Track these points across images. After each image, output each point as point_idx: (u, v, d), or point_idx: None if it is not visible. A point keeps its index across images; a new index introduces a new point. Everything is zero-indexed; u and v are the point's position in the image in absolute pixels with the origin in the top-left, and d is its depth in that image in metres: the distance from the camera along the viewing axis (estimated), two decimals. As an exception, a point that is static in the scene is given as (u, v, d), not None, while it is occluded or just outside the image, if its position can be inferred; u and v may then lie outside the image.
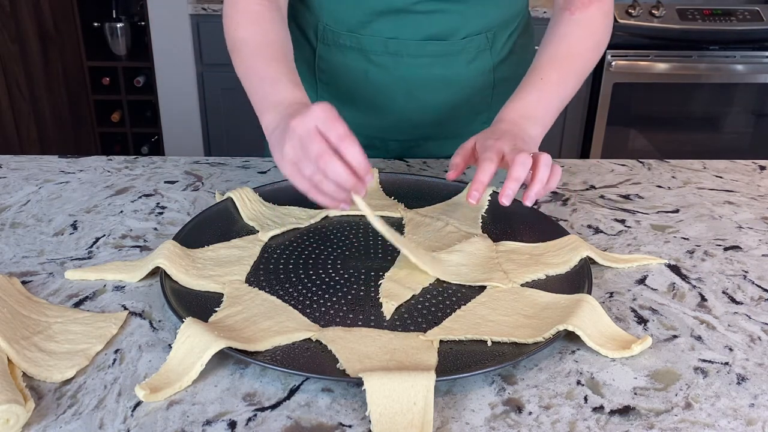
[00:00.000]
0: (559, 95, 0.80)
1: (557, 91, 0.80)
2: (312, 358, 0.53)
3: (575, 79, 0.83)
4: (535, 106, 0.78)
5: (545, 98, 0.79)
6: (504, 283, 0.62)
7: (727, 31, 2.37)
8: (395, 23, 0.86)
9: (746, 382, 0.52)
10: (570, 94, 0.83)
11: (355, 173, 0.58)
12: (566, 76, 0.82)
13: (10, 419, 0.45)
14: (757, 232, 0.75)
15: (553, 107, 0.80)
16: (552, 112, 0.80)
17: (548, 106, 0.79)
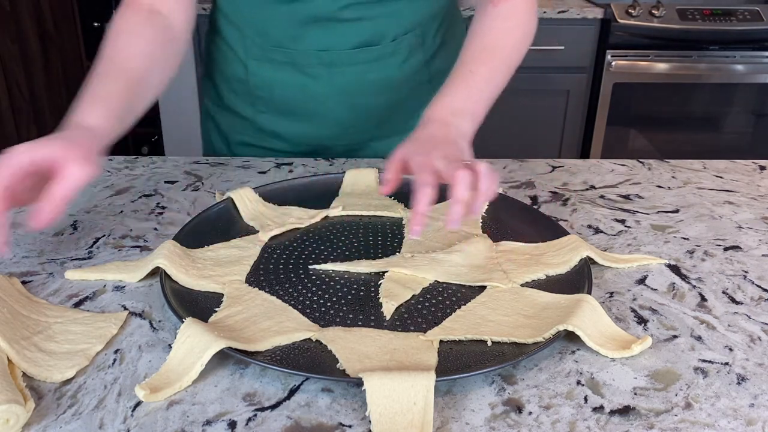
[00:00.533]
0: (489, 88, 0.78)
1: (487, 84, 0.78)
2: (312, 358, 0.53)
3: (505, 72, 0.81)
4: (465, 100, 0.76)
5: (475, 92, 0.77)
6: (504, 283, 0.62)
7: (727, 31, 2.37)
8: (324, 34, 0.85)
9: (746, 382, 0.52)
10: (500, 87, 0.81)
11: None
12: (495, 69, 0.80)
13: (10, 419, 0.45)
14: (757, 232, 0.75)
15: (484, 101, 0.78)
16: (483, 105, 0.77)
17: (479, 99, 0.77)
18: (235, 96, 0.95)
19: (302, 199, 0.78)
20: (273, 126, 0.95)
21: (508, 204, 0.77)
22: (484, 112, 0.78)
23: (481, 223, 0.74)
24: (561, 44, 2.37)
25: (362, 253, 0.68)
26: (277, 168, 0.89)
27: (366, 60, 0.88)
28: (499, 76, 0.81)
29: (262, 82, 0.91)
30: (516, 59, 0.84)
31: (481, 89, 0.78)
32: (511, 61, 0.83)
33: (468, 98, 0.76)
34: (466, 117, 0.74)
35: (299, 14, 0.84)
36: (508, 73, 0.82)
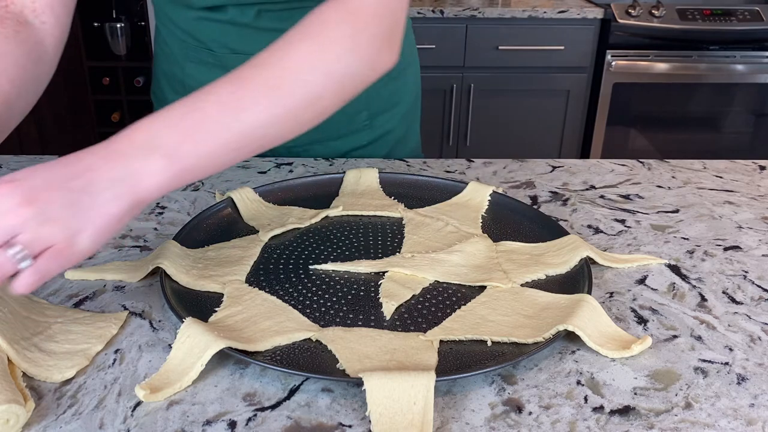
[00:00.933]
0: (225, 117, 0.54)
1: (223, 111, 0.54)
2: (312, 358, 0.53)
3: (271, 106, 0.56)
4: (170, 130, 0.53)
5: (194, 120, 0.54)
6: (504, 283, 0.62)
7: (727, 31, 2.37)
8: (246, 41, 0.84)
9: (746, 382, 0.52)
10: (263, 120, 0.55)
11: None
12: (252, 93, 0.56)
13: (10, 419, 0.45)
14: (757, 232, 0.75)
15: (210, 135, 0.54)
16: (207, 141, 0.54)
17: (194, 131, 0.53)
18: (176, 95, 0.94)
19: (302, 199, 0.78)
20: None
21: (508, 204, 0.77)
22: (211, 151, 0.54)
23: (481, 223, 0.74)
24: (561, 44, 2.37)
25: (362, 253, 0.68)
26: (277, 168, 0.89)
27: None
28: (259, 106, 0.55)
29: (197, 83, 0.88)
30: (302, 99, 0.57)
31: (209, 118, 0.54)
32: (290, 97, 0.57)
33: (174, 127, 0.53)
34: (157, 152, 0.52)
35: (219, 21, 0.82)
36: (282, 106, 0.56)
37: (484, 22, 2.34)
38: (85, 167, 0.50)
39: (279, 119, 0.57)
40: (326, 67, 0.58)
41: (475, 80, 2.42)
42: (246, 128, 0.55)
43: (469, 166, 0.91)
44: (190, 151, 0.53)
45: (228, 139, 0.55)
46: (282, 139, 0.58)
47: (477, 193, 0.78)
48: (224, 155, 0.55)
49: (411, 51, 1.02)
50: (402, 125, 1.01)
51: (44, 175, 0.49)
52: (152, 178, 0.52)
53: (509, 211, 0.76)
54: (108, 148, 0.52)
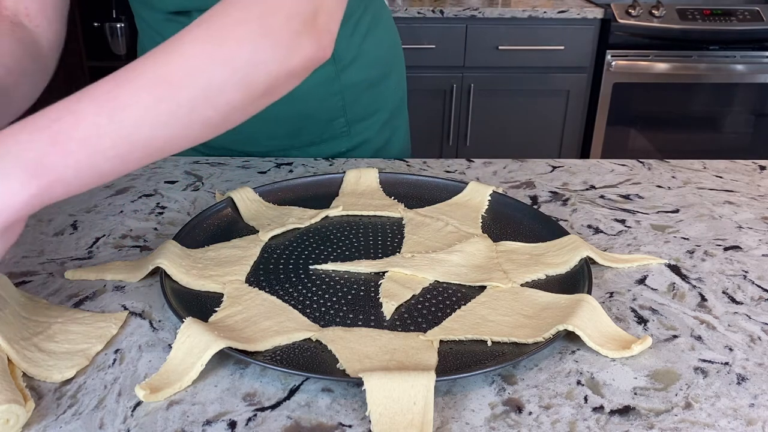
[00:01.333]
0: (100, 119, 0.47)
1: (98, 112, 0.47)
2: (312, 358, 0.53)
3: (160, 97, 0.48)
4: (33, 140, 0.46)
5: (63, 125, 0.46)
6: (504, 283, 0.62)
7: (727, 31, 2.37)
8: None
9: (746, 382, 0.52)
10: (147, 120, 0.48)
11: None
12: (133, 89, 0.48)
13: (10, 419, 0.45)
14: (757, 232, 0.75)
15: (81, 141, 0.46)
16: (79, 149, 0.46)
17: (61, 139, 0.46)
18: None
19: (302, 199, 0.78)
20: None
21: (508, 204, 0.77)
22: (81, 166, 0.47)
23: (481, 223, 0.74)
24: (561, 44, 2.37)
25: (362, 253, 0.68)
26: (277, 168, 0.89)
27: None
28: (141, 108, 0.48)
29: None
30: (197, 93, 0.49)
31: (88, 123, 0.46)
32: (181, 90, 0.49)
33: (42, 134, 0.46)
34: (14, 170, 0.45)
35: (185, 24, 0.82)
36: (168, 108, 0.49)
37: (484, 22, 2.34)
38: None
39: (169, 117, 0.49)
40: (226, 54, 0.50)
41: (475, 80, 2.42)
42: (125, 130, 0.47)
43: (469, 166, 0.91)
44: (57, 162, 0.46)
45: (104, 145, 0.47)
46: (179, 141, 0.50)
47: (477, 193, 0.78)
48: (102, 164, 0.47)
49: (394, 57, 1.00)
50: (382, 134, 1.00)
51: None
52: (12, 198, 0.45)
53: (509, 211, 0.76)
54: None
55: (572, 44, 2.38)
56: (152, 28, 0.86)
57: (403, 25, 2.11)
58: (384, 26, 0.95)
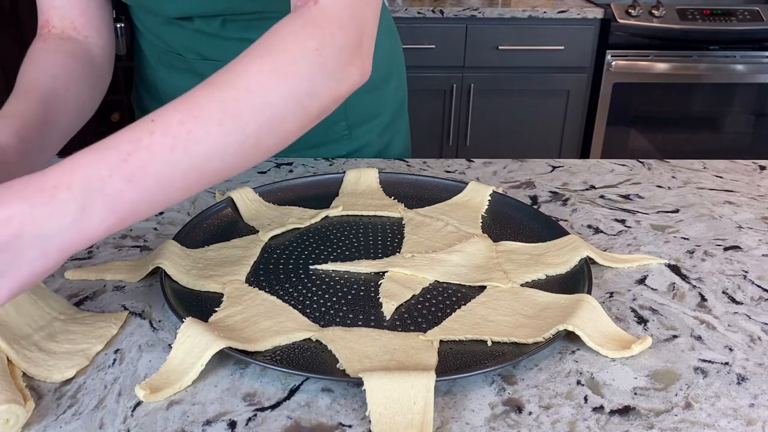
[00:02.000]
0: (174, 154, 0.48)
1: (172, 148, 0.48)
2: (312, 358, 0.53)
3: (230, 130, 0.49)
4: (112, 175, 0.46)
5: (138, 162, 0.47)
6: (504, 283, 0.62)
7: (727, 31, 2.37)
8: (214, 49, 0.83)
9: (746, 382, 0.52)
10: (218, 151, 0.49)
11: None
12: (204, 121, 0.49)
13: (10, 419, 0.45)
14: (757, 232, 0.75)
15: (156, 178, 0.47)
16: (154, 185, 0.48)
17: (138, 176, 0.47)
18: (152, 100, 0.95)
19: (302, 199, 0.78)
20: None
21: (508, 204, 0.77)
22: (154, 199, 0.48)
23: (481, 223, 0.74)
24: (561, 44, 2.37)
25: (362, 253, 0.68)
26: (277, 168, 0.89)
27: None
28: (213, 141, 0.49)
29: (171, 88, 0.90)
30: (263, 124, 0.51)
31: (162, 161, 0.47)
32: (249, 123, 0.50)
33: (120, 170, 0.46)
34: (95, 205, 0.46)
35: (186, 28, 0.82)
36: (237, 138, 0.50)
37: (484, 22, 2.34)
38: (12, 215, 0.43)
39: (237, 148, 0.50)
40: (289, 86, 0.52)
41: (475, 80, 2.42)
42: (198, 161, 0.49)
43: (469, 166, 0.91)
44: (134, 198, 0.47)
45: (177, 177, 0.49)
46: (242, 167, 0.52)
47: (477, 193, 0.78)
48: (172, 194, 0.49)
49: (395, 60, 1.00)
50: (383, 137, 0.99)
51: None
52: (90, 232, 0.46)
53: (509, 211, 0.76)
54: (42, 190, 0.45)
55: (572, 44, 2.38)
56: (151, 32, 0.86)
57: (403, 25, 2.11)
58: (384, 30, 0.95)
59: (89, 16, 0.76)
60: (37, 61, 0.71)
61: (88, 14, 0.76)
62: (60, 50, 0.73)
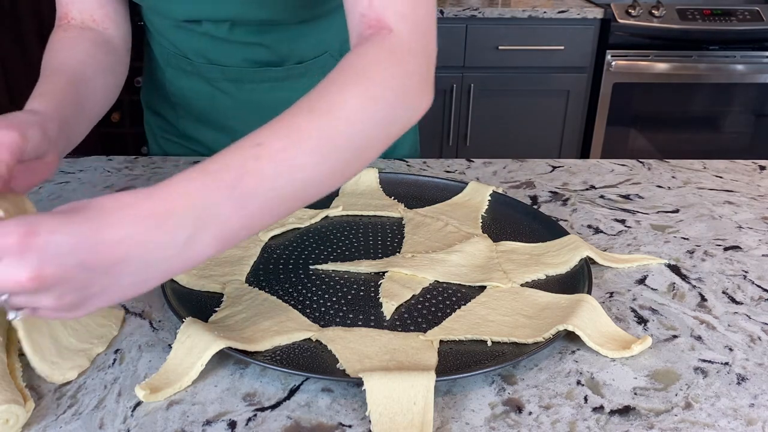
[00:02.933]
0: (278, 181, 0.47)
1: (277, 174, 0.47)
2: (312, 358, 0.53)
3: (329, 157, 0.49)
4: (224, 199, 0.45)
5: (247, 187, 0.46)
6: (504, 283, 0.62)
7: (727, 31, 2.37)
8: (222, 52, 0.83)
9: (746, 382, 0.52)
10: (316, 179, 0.49)
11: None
12: (307, 148, 0.48)
13: (10, 419, 0.45)
14: (757, 232, 0.75)
15: (262, 204, 0.47)
16: (259, 213, 0.47)
17: (246, 202, 0.46)
18: (160, 99, 0.95)
19: (302, 199, 0.78)
20: (192, 132, 0.94)
21: (508, 204, 0.77)
22: (256, 225, 0.48)
23: (481, 223, 0.74)
24: (561, 44, 2.37)
25: (362, 253, 0.68)
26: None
27: (273, 78, 0.85)
28: (314, 169, 0.49)
29: (178, 89, 0.90)
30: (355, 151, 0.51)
31: (268, 187, 0.47)
32: (345, 150, 0.51)
33: (232, 195, 0.45)
34: (207, 231, 0.45)
35: (195, 32, 0.82)
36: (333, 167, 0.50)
37: (484, 22, 2.34)
38: (121, 239, 0.42)
39: (331, 175, 0.50)
40: (380, 115, 0.52)
41: (475, 80, 2.42)
42: (297, 188, 0.49)
43: (469, 166, 0.91)
44: (240, 225, 0.47)
45: (277, 204, 0.48)
46: (324, 194, 0.51)
47: (477, 193, 0.78)
48: (269, 221, 0.49)
49: None
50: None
51: (68, 244, 0.41)
52: (193, 260, 0.46)
53: (509, 211, 0.76)
54: (154, 214, 0.43)
55: (572, 44, 2.38)
56: (160, 34, 0.87)
57: (403, 25, 2.10)
58: None
59: (108, 9, 0.77)
60: (62, 46, 0.71)
61: (107, 7, 0.77)
62: (82, 38, 0.74)
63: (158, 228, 0.43)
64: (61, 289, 0.42)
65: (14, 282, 0.40)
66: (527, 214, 0.75)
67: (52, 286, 0.41)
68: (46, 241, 0.40)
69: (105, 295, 0.44)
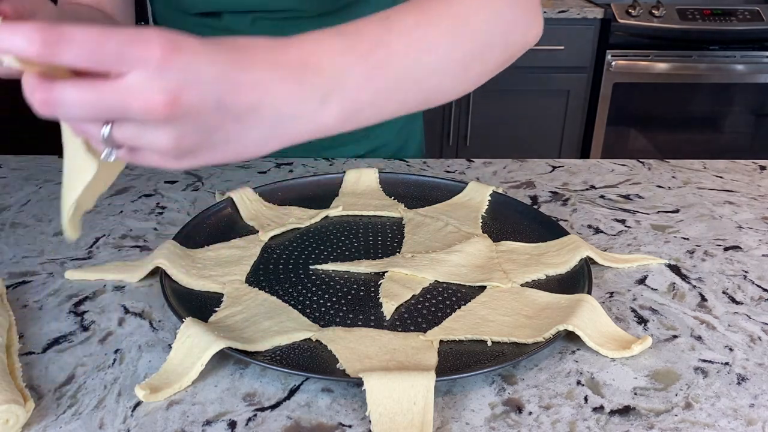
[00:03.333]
0: (408, 58, 0.44)
1: (408, 50, 0.44)
2: (312, 358, 0.53)
3: (456, 45, 0.47)
4: (357, 67, 0.42)
5: (380, 58, 0.43)
6: (504, 283, 0.62)
7: (727, 31, 2.37)
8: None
9: (746, 382, 0.52)
10: (442, 65, 0.46)
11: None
12: (438, 29, 0.46)
13: (10, 419, 0.45)
14: (757, 232, 0.75)
15: (389, 80, 0.44)
16: (385, 88, 0.44)
17: (377, 73, 0.43)
18: None
19: (302, 199, 0.78)
20: None
21: (508, 204, 0.77)
22: (378, 105, 0.45)
23: (481, 223, 0.74)
24: (561, 44, 2.37)
25: (362, 253, 0.68)
26: (277, 168, 0.89)
27: None
28: (442, 53, 0.46)
29: None
30: (480, 44, 0.49)
31: (398, 62, 0.44)
32: (472, 39, 0.48)
33: (365, 63, 0.42)
34: (335, 98, 0.42)
35: (214, 28, 0.82)
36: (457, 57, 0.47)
37: (484, 22, 2.34)
38: (259, 81, 0.38)
39: (454, 67, 0.47)
40: (499, 18, 0.50)
41: (475, 80, 2.41)
42: (424, 76, 0.45)
43: (469, 166, 0.91)
44: (366, 99, 0.43)
45: (402, 85, 0.44)
46: (440, 96, 0.48)
47: (477, 193, 0.78)
48: (389, 107, 0.45)
49: None
50: (400, 136, 1.00)
51: (211, 73, 0.36)
52: (320, 128, 0.42)
53: (509, 211, 0.76)
54: (289, 65, 0.40)
55: (572, 44, 2.38)
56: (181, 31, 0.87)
57: (403, 25, 2.10)
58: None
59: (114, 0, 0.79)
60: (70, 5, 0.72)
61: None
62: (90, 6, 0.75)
63: (295, 79, 0.40)
64: (189, 125, 0.37)
65: (145, 102, 0.34)
66: (527, 214, 0.75)
67: (182, 118, 0.36)
68: (190, 61, 0.35)
69: (224, 147, 0.39)
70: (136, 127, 0.36)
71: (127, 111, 0.35)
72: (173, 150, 0.38)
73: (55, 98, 0.35)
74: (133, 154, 0.39)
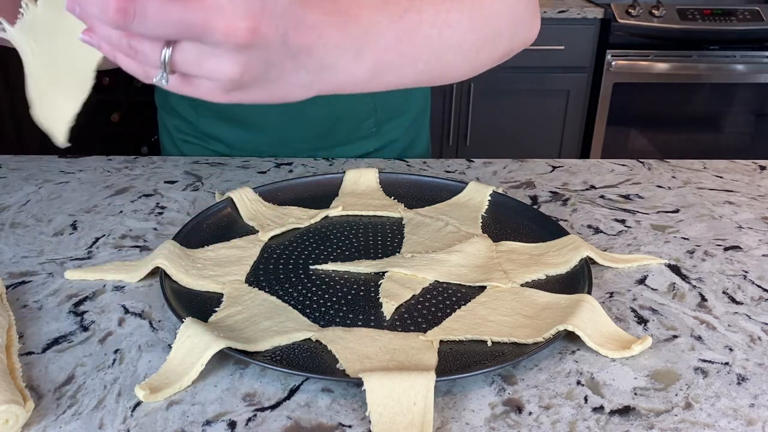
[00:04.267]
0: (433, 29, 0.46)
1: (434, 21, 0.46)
2: (312, 358, 0.53)
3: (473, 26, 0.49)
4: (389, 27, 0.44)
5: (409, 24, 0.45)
6: (504, 283, 0.62)
7: (727, 31, 2.37)
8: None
9: (746, 382, 0.52)
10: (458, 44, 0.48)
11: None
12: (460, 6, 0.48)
13: (10, 419, 0.45)
14: (757, 232, 0.75)
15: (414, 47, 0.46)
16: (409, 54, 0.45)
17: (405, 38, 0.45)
18: (178, 99, 0.95)
19: (302, 199, 0.78)
20: (214, 130, 0.94)
21: (508, 204, 0.77)
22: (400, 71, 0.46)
23: (481, 223, 0.74)
24: (561, 44, 2.37)
25: (362, 253, 0.68)
26: (277, 168, 0.89)
27: None
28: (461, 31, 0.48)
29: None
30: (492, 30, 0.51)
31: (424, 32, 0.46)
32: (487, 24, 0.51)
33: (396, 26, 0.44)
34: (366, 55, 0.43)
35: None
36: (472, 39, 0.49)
37: (484, 22, 2.34)
38: (314, 24, 0.39)
39: (468, 48, 0.49)
40: (511, 4, 0.53)
41: (475, 80, 2.42)
42: (441, 49, 0.47)
43: (469, 166, 0.91)
44: (393, 61, 0.44)
45: (423, 55, 0.46)
46: (451, 74, 0.50)
47: (477, 193, 0.78)
48: (408, 74, 0.46)
49: None
50: (409, 133, 1.00)
51: (282, 6, 0.37)
52: (355, 79, 0.43)
53: (509, 211, 0.76)
54: (336, 13, 0.40)
55: (572, 44, 2.38)
56: None
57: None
58: None
59: None
60: None
61: None
62: None
63: (340, 26, 0.41)
64: (256, 56, 0.36)
65: (228, 25, 0.34)
66: (527, 214, 0.75)
67: (256, 47, 0.36)
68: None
69: (275, 85, 0.40)
70: (200, 51, 0.36)
71: (209, 31, 0.34)
72: (234, 80, 0.37)
73: (137, 8, 0.33)
74: (185, 82, 0.39)
